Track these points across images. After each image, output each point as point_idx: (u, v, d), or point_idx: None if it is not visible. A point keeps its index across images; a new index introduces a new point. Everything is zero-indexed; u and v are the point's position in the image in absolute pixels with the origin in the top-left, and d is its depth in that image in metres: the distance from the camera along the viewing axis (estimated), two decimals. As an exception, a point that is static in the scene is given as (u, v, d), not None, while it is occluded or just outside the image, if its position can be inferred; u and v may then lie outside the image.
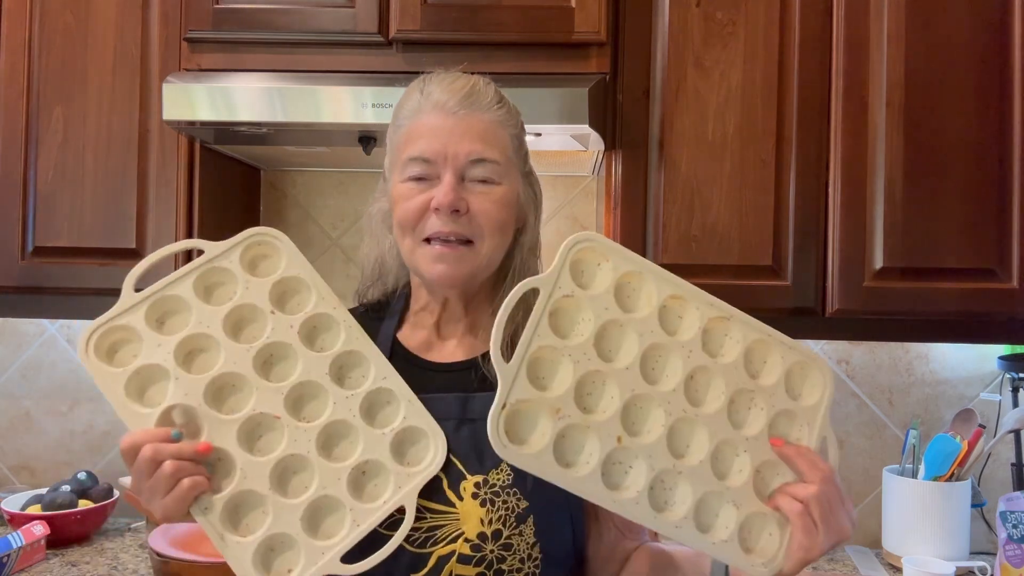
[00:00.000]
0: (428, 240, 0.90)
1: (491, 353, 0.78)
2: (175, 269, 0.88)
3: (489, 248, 0.91)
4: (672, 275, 0.86)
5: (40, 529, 1.59)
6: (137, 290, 0.85)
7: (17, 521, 1.65)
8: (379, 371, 0.88)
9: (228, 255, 0.88)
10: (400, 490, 0.84)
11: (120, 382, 0.81)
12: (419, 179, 0.90)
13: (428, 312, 0.99)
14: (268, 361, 0.86)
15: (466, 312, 0.98)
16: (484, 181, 0.90)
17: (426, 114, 0.91)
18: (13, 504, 1.72)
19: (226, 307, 0.86)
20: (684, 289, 0.86)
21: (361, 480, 0.84)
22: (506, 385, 0.77)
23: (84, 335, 0.82)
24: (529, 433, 0.79)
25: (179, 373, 0.82)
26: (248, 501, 0.81)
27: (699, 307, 0.85)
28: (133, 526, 1.83)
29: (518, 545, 0.89)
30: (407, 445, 0.87)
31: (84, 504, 1.73)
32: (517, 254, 0.97)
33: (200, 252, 0.88)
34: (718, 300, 0.87)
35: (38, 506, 1.70)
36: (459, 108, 0.90)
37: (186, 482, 0.78)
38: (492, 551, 0.88)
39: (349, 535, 0.81)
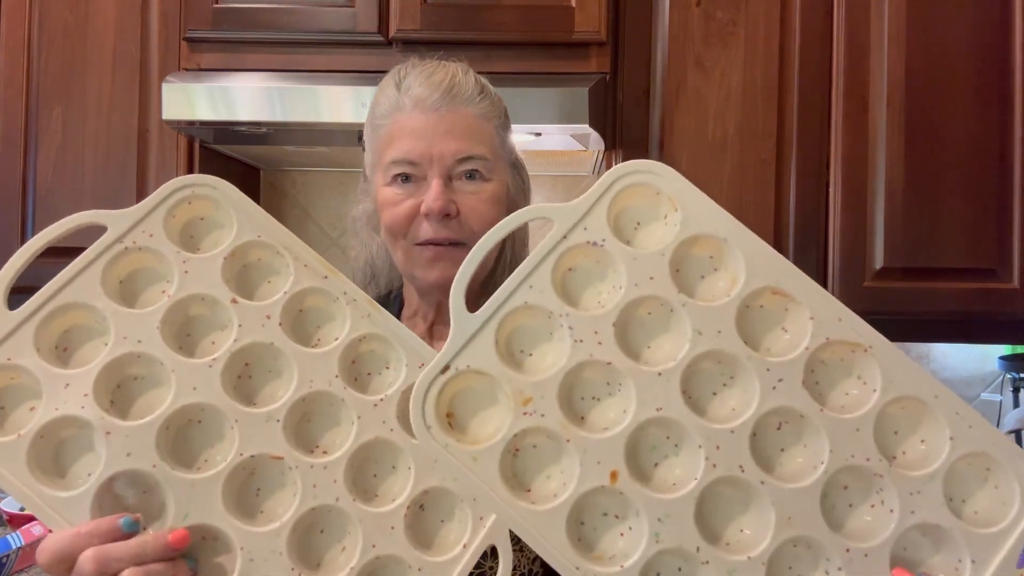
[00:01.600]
0: (421, 244, 0.87)
1: (451, 297, 0.56)
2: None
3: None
4: (783, 260, 0.56)
5: (39, 529, 1.59)
6: (12, 307, 0.58)
7: (16, 521, 1.65)
8: (412, 358, 0.60)
9: (145, 225, 0.59)
10: (483, 522, 0.56)
11: (18, 455, 0.53)
12: (404, 182, 0.86)
13: (421, 317, 0.96)
14: (244, 375, 0.59)
15: None
16: (473, 179, 0.86)
17: (406, 112, 0.86)
18: (13, 504, 1.72)
19: (160, 305, 0.58)
20: (794, 285, 0.55)
21: (422, 521, 0.57)
22: (457, 342, 0.53)
23: None
24: (475, 421, 0.54)
25: (110, 424, 0.54)
26: None
27: (815, 316, 0.54)
28: (133, 526, 1.83)
29: (519, 561, 0.85)
30: None
31: (84, 504, 1.73)
32: (507, 247, 0.93)
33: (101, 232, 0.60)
34: (853, 316, 0.56)
35: (38, 506, 1.70)
36: (441, 104, 0.85)
37: None
38: (491, 568, 0.83)
39: None
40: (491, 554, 0.77)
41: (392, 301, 1.00)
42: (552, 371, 0.53)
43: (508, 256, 0.94)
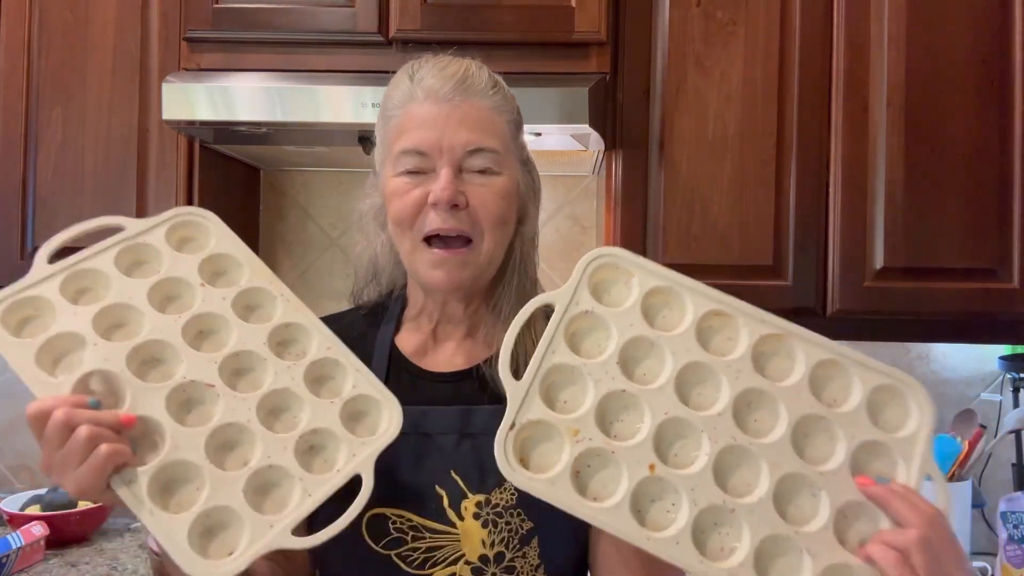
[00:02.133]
0: (428, 241, 0.85)
1: (500, 372, 0.72)
2: None
3: (490, 245, 0.86)
4: (713, 290, 0.76)
5: (39, 529, 1.59)
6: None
7: (17, 521, 1.64)
8: (323, 341, 0.80)
9: (152, 232, 0.81)
10: (355, 458, 0.75)
11: (29, 352, 0.72)
12: (413, 172, 0.84)
13: (426, 316, 0.94)
14: (199, 335, 0.78)
15: (465, 314, 0.93)
16: (483, 172, 0.84)
17: (418, 103, 0.85)
18: (13, 504, 1.72)
19: (151, 280, 0.78)
20: (728, 304, 0.75)
21: (310, 452, 0.76)
22: (515, 404, 0.70)
23: None
24: (543, 457, 0.70)
25: (97, 340, 0.73)
26: (181, 474, 0.70)
27: (748, 324, 0.74)
28: (133, 526, 1.83)
29: (521, 568, 0.84)
30: (360, 416, 0.79)
31: (83, 504, 1.73)
32: (517, 246, 0.91)
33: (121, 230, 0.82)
34: (772, 316, 0.76)
35: (38, 506, 1.70)
36: (453, 95, 0.84)
37: (104, 448, 0.66)
38: (494, 574, 0.83)
39: (301, 506, 0.71)
40: (494, 560, 0.83)
41: (394, 301, 0.98)
42: (587, 407, 0.72)
43: (518, 255, 0.92)
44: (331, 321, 0.89)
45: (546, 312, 0.77)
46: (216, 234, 0.83)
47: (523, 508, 0.84)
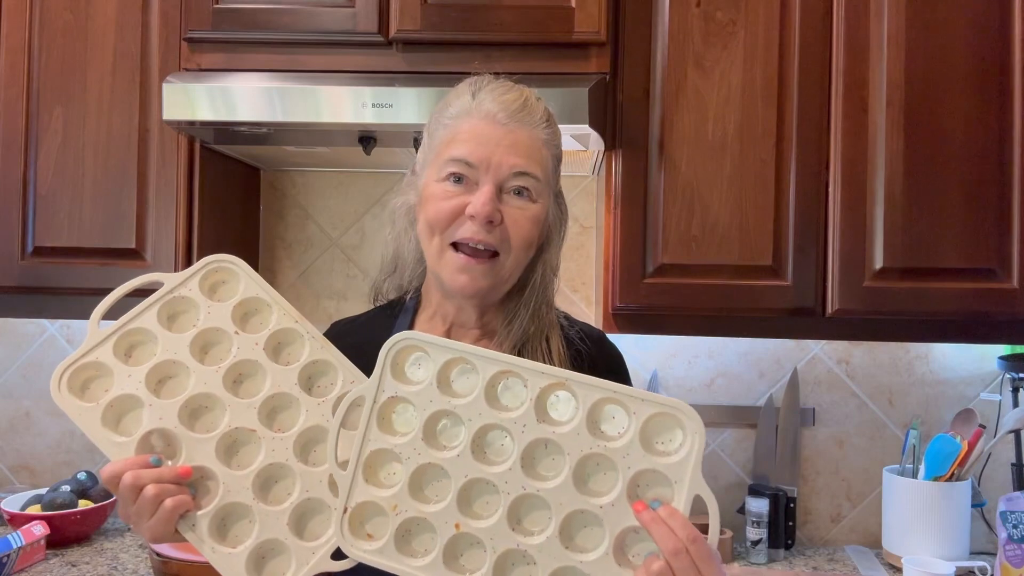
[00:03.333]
0: (455, 246, 0.89)
1: (328, 463, 0.82)
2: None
3: (513, 263, 0.91)
4: (498, 354, 0.82)
5: (40, 529, 1.59)
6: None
7: (17, 521, 1.65)
8: (347, 376, 0.89)
9: (187, 284, 0.90)
10: None
11: (96, 416, 0.84)
12: (457, 180, 0.89)
13: (440, 317, 0.98)
14: (238, 380, 0.88)
15: (479, 320, 0.97)
16: (521, 196, 0.90)
17: (475, 119, 0.90)
18: (13, 504, 1.72)
19: (191, 333, 0.88)
20: (511, 364, 0.82)
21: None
22: (344, 491, 0.81)
23: (56, 375, 0.85)
24: (377, 528, 0.81)
25: (152, 400, 0.85)
26: (234, 513, 0.83)
27: (528, 379, 0.81)
28: (133, 526, 1.83)
29: None
30: None
31: (84, 504, 1.73)
32: (539, 269, 0.96)
33: (160, 285, 0.91)
34: (551, 368, 0.82)
35: (38, 506, 1.70)
36: (509, 120, 0.90)
37: (168, 502, 0.79)
38: None
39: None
40: None
41: (408, 304, 1.02)
42: (402, 483, 0.81)
43: (537, 278, 0.96)
44: (346, 325, 0.98)
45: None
46: (244, 278, 0.91)
47: None
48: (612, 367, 1.00)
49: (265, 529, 0.82)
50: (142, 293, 0.90)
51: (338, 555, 0.82)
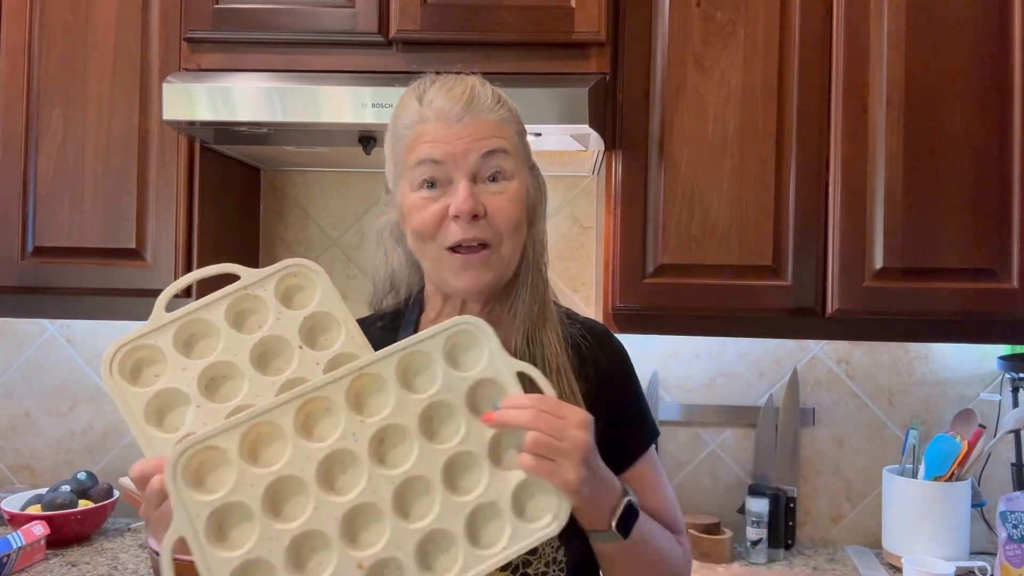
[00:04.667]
0: (452, 249, 0.89)
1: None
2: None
3: (509, 248, 0.91)
4: (287, 395, 0.78)
5: (40, 529, 1.59)
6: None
7: (17, 521, 1.65)
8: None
9: (263, 284, 0.86)
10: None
11: (140, 403, 0.80)
12: (430, 185, 0.89)
13: (444, 319, 0.96)
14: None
15: (482, 311, 0.97)
16: (496, 180, 0.89)
17: (429, 123, 0.89)
18: (13, 504, 1.72)
19: (255, 336, 0.84)
20: (304, 394, 0.78)
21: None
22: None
23: (109, 353, 0.81)
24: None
25: (200, 400, 0.80)
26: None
27: (331, 396, 0.78)
28: (133, 526, 1.83)
29: (543, 549, 0.89)
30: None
31: (84, 504, 1.73)
32: (529, 247, 0.96)
33: (236, 277, 0.87)
34: (335, 372, 0.79)
35: (38, 506, 1.70)
36: (463, 114, 0.89)
37: None
38: (516, 566, 0.88)
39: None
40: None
41: (412, 306, 1.02)
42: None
43: (529, 256, 0.96)
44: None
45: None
46: (322, 289, 0.87)
47: None
48: (615, 361, 1.00)
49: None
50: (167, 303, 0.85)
51: None
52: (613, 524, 0.82)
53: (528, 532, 0.78)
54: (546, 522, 0.78)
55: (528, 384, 0.81)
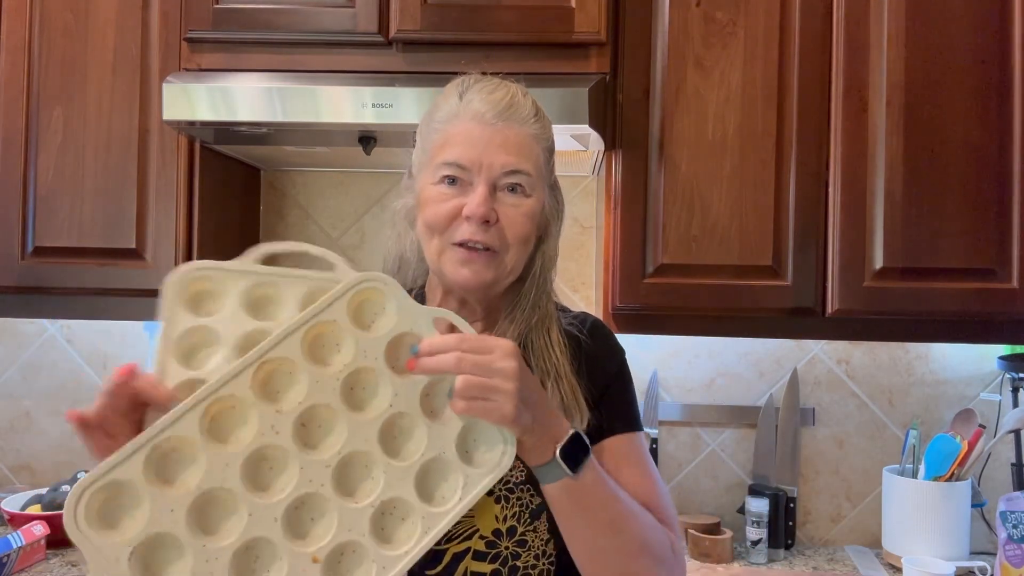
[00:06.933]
0: (457, 244, 0.91)
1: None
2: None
3: (512, 259, 0.92)
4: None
5: (40, 529, 1.59)
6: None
7: (17, 521, 1.65)
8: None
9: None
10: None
11: (172, 336, 0.75)
12: (451, 182, 0.91)
13: None
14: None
15: (483, 315, 0.98)
16: (514, 192, 0.91)
17: (464, 121, 0.91)
18: (13, 504, 1.72)
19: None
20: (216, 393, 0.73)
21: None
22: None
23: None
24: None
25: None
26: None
27: (237, 393, 0.73)
28: (133, 526, 1.83)
29: (532, 542, 0.90)
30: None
31: (84, 504, 1.73)
32: (538, 261, 0.97)
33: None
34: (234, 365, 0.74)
35: (38, 506, 1.70)
36: (497, 120, 0.90)
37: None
38: (507, 548, 0.89)
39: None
40: (506, 534, 0.89)
41: (415, 298, 1.01)
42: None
43: (536, 270, 0.97)
44: None
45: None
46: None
47: (532, 484, 0.88)
48: (606, 350, 1.00)
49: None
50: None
51: None
52: (557, 452, 0.79)
53: (480, 475, 0.77)
54: (495, 460, 0.77)
55: (450, 330, 0.79)
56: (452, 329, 0.80)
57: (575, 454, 0.81)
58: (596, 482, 0.83)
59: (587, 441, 0.82)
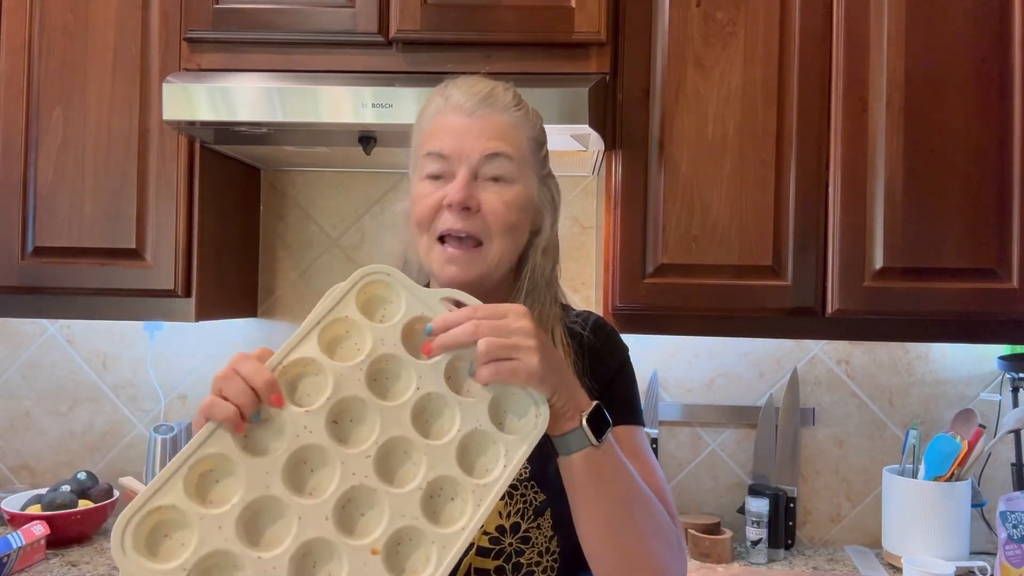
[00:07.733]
0: (442, 240, 0.91)
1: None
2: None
3: (498, 249, 0.91)
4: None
5: (40, 529, 1.59)
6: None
7: (17, 521, 1.65)
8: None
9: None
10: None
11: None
12: (436, 177, 0.91)
13: None
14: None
15: None
16: (497, 180, 0.91)
17: (445, 115, 0.92)
18: (13, 504, 1.72)
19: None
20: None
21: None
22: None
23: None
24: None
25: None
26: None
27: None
28: (133, 526, 1.83)
29: (536, 538, 0.91)
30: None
31: (84, 504, 1.73)
32: (532, 255, 0.97)
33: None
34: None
35: (38, 506, 1.70)
36: (477, 109, 0.91)
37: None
38: (511, 544, 0.90)
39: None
40: (510, 530, 0.90)
41: None
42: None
43: (532, 263, 0.97)
44: None
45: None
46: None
47: (536, 481, 0.90)
48: (609, 347, 0.99)
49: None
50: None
51: None
52: (584, 419, 0.78)
53: (519, 441, 0.75)
54: (531, 423, 0.76)
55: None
56: (461, 307, 0.80)
57: (598, 424, 0.79)
58: (615, 455, 0.82)
59: (609, 416, 0.81)
